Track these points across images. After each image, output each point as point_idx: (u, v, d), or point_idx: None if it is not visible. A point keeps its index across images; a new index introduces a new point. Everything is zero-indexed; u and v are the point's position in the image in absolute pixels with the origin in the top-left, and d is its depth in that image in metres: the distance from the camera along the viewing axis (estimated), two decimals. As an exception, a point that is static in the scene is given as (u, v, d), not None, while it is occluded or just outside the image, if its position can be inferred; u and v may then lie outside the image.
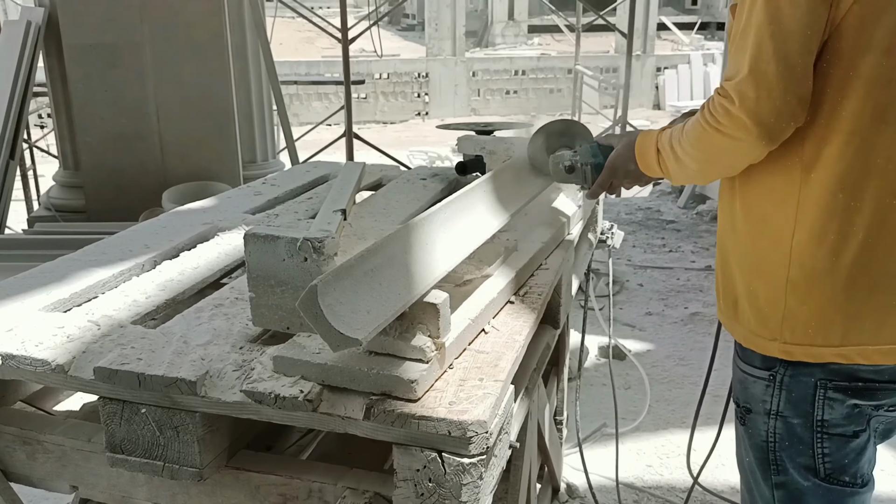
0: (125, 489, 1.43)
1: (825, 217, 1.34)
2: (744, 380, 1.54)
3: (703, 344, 4.21)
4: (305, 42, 18.56)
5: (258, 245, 1.27)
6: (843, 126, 1.30)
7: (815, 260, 1.36)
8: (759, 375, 1.49)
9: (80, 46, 4.30)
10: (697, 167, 1.45)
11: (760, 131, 1.29)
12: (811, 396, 1.43)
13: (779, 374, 1.45)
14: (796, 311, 1.40)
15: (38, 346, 1.34)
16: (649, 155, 1.55)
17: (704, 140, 1.37)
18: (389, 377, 1.16)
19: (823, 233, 1.34)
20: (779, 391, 1.46)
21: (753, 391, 1.51)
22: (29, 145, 6.26)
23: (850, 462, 1.48)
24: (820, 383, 1.42)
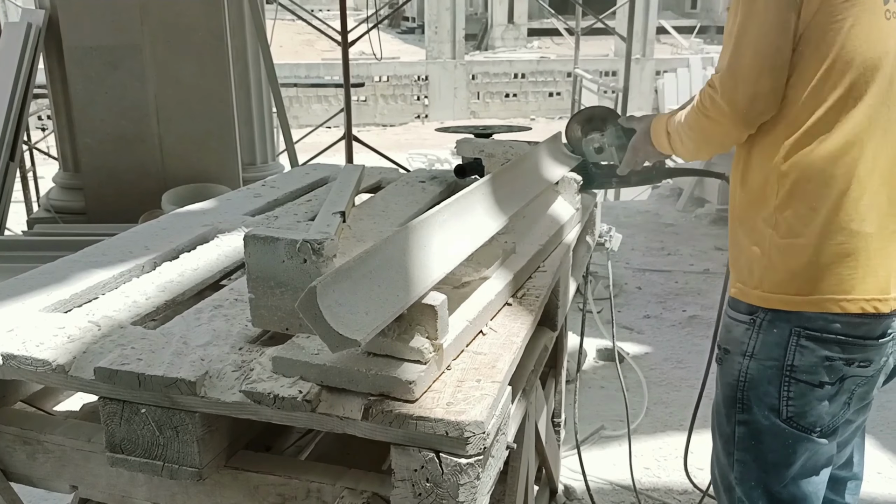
0: (125, 489, 1.44)
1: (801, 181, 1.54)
2: (728, 324, 1.70)
3: (700, 347, 4.21)
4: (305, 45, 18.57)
5: (258, 246, 1.28)
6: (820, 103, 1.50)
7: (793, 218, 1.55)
8: (741, 319, 1.65)
9: (81, 48, 4.31)
10: (695, 146, 1.72)
11: (737, 116, 1.54)
12: (785, 342, 1.58)
13: (759, 318, 1.61)
14: (776, 264, 1.58)
15: (39, 346, 1.34)
16: (662, 137, 1.83)
17: (696, 124, 1.65)
18: (388, 378, 1.17)
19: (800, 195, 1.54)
20: (756, 334, 1.62)
21: (735, 334, 1.66)
22: (29, 147, 6.27)
23: (812, 409, 1.60)
24: (794, 330, 1.57)
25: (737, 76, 1.51)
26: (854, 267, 1.54)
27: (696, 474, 2.23)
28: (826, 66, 1.50)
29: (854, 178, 1.52)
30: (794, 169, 1.55)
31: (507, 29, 21.46)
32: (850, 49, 1.49)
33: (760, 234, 1.61)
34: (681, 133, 1.73)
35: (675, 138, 1.77)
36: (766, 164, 1.59)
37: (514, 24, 21.60)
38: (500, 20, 21.40)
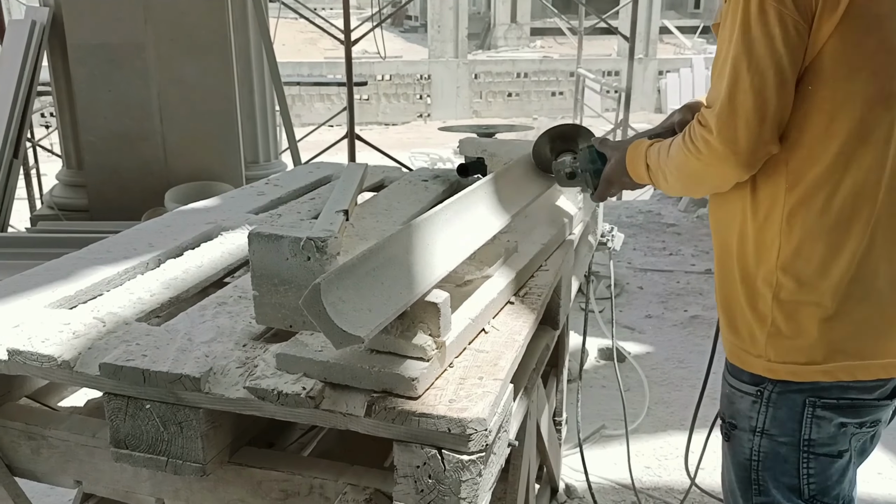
0: (128, 484, 1.45)
1: (809, 237, 1.36)
2: (731, 394, 1.52)
3: (702, 347, 4.22)
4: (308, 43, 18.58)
5: (262, 244, 1.29)
6: (827, 147, 1.32)
7: (799, 278, 1.37)
8: (746, 391, 1.48)
9: (84, 46, 4.32)
10: (684, 186, 1.52)
11: (738, 160, 1.33)
12: (799, 415, 1.42)
13: (766, 390, 1.44)
14: (782, 328, 1.40)
15: (45, 342, 1.35)
16: (640, 169, 1.60)
17: (686, 165, 1.42)
18: (391, 375, 1.17)
19: (808, 252, 1.36)
20: (765, 408, 1.45)
21: (740, 407, 1.50)
22: (32, 144, 6.28)
23: (834, 483, 1.47)
24: (809, 401, 1.41)
25: (737, 116, 1.30)
26: (873, 328, 1.38)
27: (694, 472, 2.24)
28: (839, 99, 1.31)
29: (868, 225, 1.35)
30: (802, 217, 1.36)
31: (509, 28, 21.46)
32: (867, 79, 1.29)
33: (761, 294, 1.42)
34: (665, 170, 1.51)
35: (658, 174, 1.54)
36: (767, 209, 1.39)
37: (516, 24, 21.60)
38: (503, 19, 21.41)
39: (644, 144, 1.59)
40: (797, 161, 1.35)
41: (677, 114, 1.76)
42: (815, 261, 1.36)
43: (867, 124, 1.31)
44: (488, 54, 20.22)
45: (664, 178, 1.52)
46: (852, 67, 1.29)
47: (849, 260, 1.35)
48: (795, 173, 1.35)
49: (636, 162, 1.60)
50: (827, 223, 1.35)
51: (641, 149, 1.59)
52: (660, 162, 1.52)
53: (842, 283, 1.36)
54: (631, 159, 1.62)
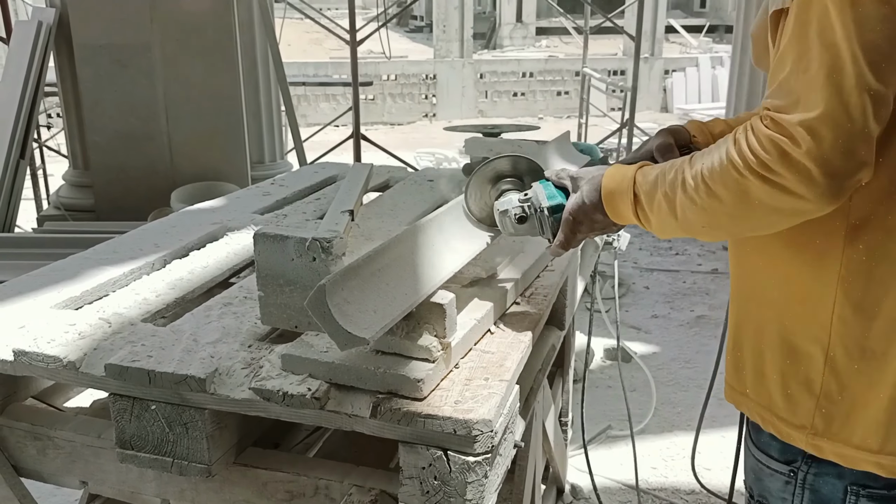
0: (134, 485, 1.45)
1: (875, 290, 1.08)
2: (758, 470, 1.29)
3: (708, 347, 4.21)
4: (314, 43, 18.60)
5: (268, 245, 1.29)
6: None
7: (861, 342, 1.11)
8: (777, 469, 1.25)
9: (91, 46, 4.33)
10: (709, 222, 1.10)
11: (830, 184, 0.97)
12: (840, 501, 1.19)
13: (801, 471, 1.21)
14: (835, 399, 1.14)
15: (50, 342, 1.35)
16: (623, 203, 1.21)
17: (735, 189, 1.03)
18: (396, 376, 1.17)
19: (873, 309, 1.09)
20: (801, 491, 1.22)
21: (769, 485, 1.27)
22: (39, 144, 6.29)
23: None
24: (851, 489, 1.18)
25: (839, 124, 0.95)
26: None
27: (703, 474, 2.23)
28: None
29: None
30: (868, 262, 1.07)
31: (515, 28, 21.44)
32: None
33: (809, 356, 1.15)
34: (677, 200, 1.10)
35: (657, 206, 1.15)
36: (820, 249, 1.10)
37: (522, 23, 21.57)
38: (509, 19, 21.39)
39: (628, 169, 1.21)
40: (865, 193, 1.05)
41: (654, 139, 1.44)
42: (882, 320, 1.09)
43: None
44: (494, 54, 20.21)
45: (670, 210, 1.12)
46: None
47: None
48: (860, 208, 1.07)
49: (616, 192, 1.21)
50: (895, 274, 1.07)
51: (626, 175, 1.20)
52: (668, 188, 1.12)
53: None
54: (609, 189, 1.22)
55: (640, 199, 1.18)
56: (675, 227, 1.15)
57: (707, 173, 1.06)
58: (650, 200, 1.16)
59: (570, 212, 1.30)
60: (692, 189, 1.08)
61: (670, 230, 1.17)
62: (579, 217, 1.29)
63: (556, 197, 1.34)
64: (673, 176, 1.12)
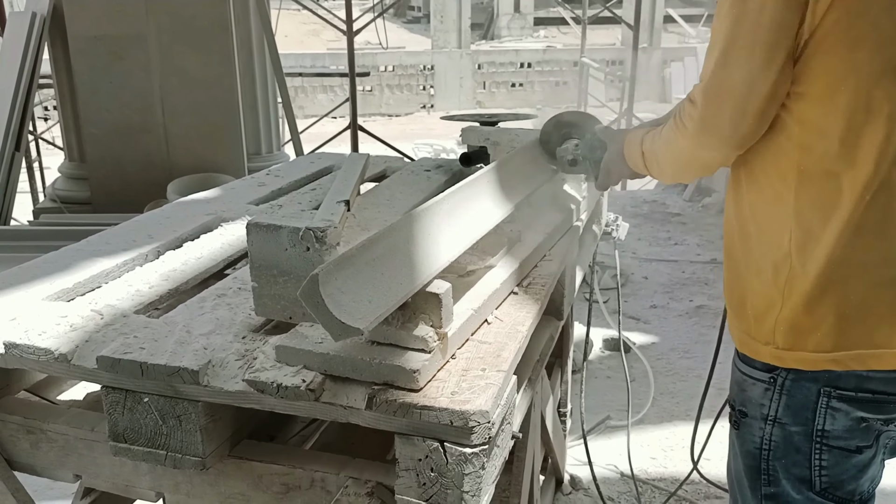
0: (128, 478, 1.44)
1: (819, 217, 1.28)
2: (742, 381, 1.46)
3: (707, 337, 4.20)
4: (311, 34, 18.54)
5: (260, 235, 1.27)
6: (834, 122, 1.24)
7: (809, 263, 1.29)
8: (758, 378, 1.41)
9: (86, 38, 4.31)
10: (674, 170, 1.49)
11: (722, 137, 1.29)
12: (813, 404, 1.35)
13: (780, 377, 1.37)
14: (789, 315, 1.33)
15: (42, 335, 1.34)
16: (637, 157, 1.57)
17: (674, 144, 1.40)
18: (392, 367, 1.16)
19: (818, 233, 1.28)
20: (779, 395, 1.38)
21: (751, 394, 1.43)
22: (34, 137, 6.28)
23: (850, 478, 1.39)
24: (824, 391, 1.33)
25: (723, 91, 1.26)
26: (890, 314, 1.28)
27: (701, 464, 2.22)
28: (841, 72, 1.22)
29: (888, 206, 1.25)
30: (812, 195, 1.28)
31: (513, 18, 21.37)
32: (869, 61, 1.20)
33: (771, 278, 1.35)
34: (657, 154, 1.48)
35: (651, 160, 1.52)
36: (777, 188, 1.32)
37: (520, 14, 21.50)
38: (507, 9, 21.32)
39: (641, 132, 1.56)
40: (805, 137, 1.27)
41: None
42: (826, 243, 1.27)
43: (875, 98, 1.21)
44: (492, 44, 20.15)
45: (657, 164, 1.50)
46: (855, 37, 1.20)
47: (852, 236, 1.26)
48: (804, 150, 1.27)
49: (633, 150, 1.58)
50: (838, 202, 1.26)
51: (638, 136, 1.56)
52: (653, 146, 1.49)
53: (852, 265, 1.27)
54: (629, 147, 1.60)
55: (646, 156, 1.54)
56: (661, 173, 1.53)
57: (663, 134, 1.44)
58: (650, 155, 1.53)
59: (604, 163, 1.73)
60: (662, 144, 1.46)
61: (662, 175, 1.54)
62: (611, 167, 1.71)
63: (598, 150, 1.76)
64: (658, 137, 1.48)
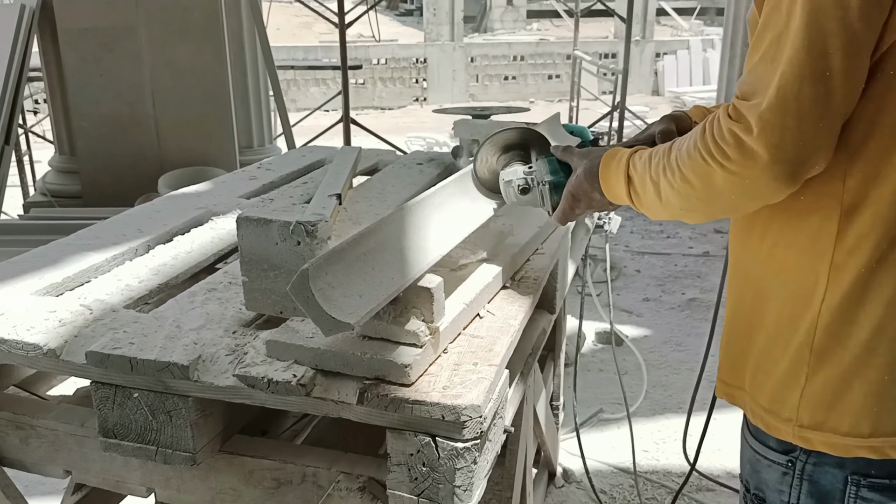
0: (119, 474, 1.43)
1: (866, 278, 1.07)
2: (755, 461, 1.26)
3: (700, 329, 4.21)
4: (303, 27, 18.46)
5: (251, 228, 1.26)
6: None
7: (847, 330, 1.10)
8: (774, 459, 1.22)
9: (75, 30, 4.27)
10: (685, 206, 1.15)
11: (781, 170, 1.01)
12: (840, 493, 1.16)
13: (800, 460, 1.18)
14: (819, 390, 1.14)
15: (30, 330, 1.33)
16: (617, 184, 1.25)
17: (702, 175, 1.08)
18: (383, 361, 1.15)
19: (861, 298, 1.08)
20: (799, 482, 1.19)
21: (767, 477, 1.24)
22: (24, 130, 6.23)
23: None
24: (852, 479, 1.15)
25: (789, 111, 0.98)
26: None
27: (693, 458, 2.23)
28: None
29: None
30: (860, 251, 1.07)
31: (506, 11, 21.32)
32: None
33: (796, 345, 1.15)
34: (662, 182, 1.15)
35: (646, 187, 1.19)
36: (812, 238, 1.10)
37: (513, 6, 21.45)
38: (500, 2, 21.26)
39: (624, 151, 1.25)
40: (858, 177, 1.05)
41: (657, 124, 1.47)
42: (871, 310, 1.08)
43: None
44: (484, 37, 20.10)
45: (656, 193, 1.17)
46: None
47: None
48: (855, 193, 1.06)
49: (612, 173, 1.26)
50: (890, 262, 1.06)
51: (621, 156, 1.25)
52: (653, 171, 1.16)
53: None
54: (606, 169, 1.27)
55: (633, 181, 1.22)
56: (661, 210, 1.19)
57: (680, 159, 1.10)
58: (641, 183, 1.20)
59: (570, 189, 1.36)
60: (670, 173, 1.13)
61: (657, 212, 1.21)
62: (578, 194, 1.35)
63: (558, 172, 1.41)
64: (657, 160, 1.16)
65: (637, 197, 1.22)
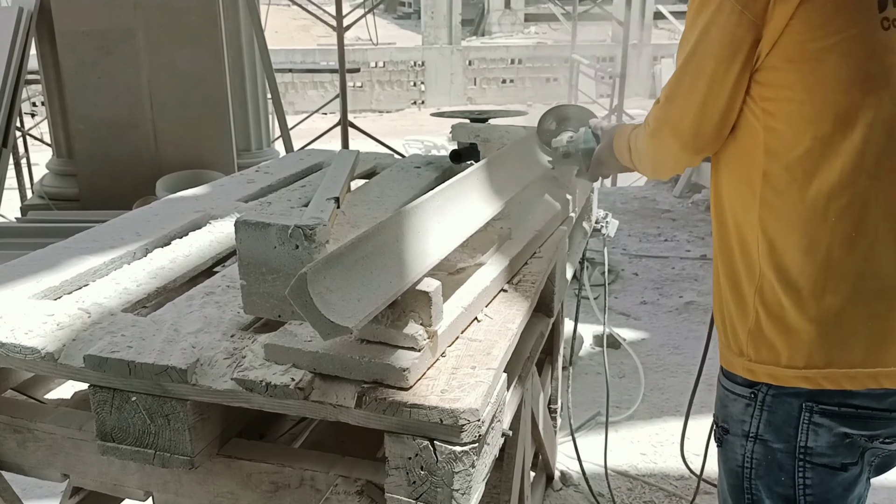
0: (117, 477, 1.43)
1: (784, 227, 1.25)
2: (724, 397, 1.42)
3: (697, 333, 4.21)
4: (301, 30, 18.47)
5: (249, 232, 1.26)
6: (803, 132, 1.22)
7: (779, 272, 1.26)
8: (739, 393, 1.37)
9: (73, 33, 4.28)
10: (651, 167, 1.53)
11: (683, 142, 1.33)
12: (795, 420, 1.30)
13: (761, 392, 1.33)
14: (763, 326, 1.30)
15: (28, 333, 1.33)
16: (624, 152, 1.61)
17: (643, 143, 1.46)
18: (381, 365, 1.15)
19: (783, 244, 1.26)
20: (759, 411, 1.33)
21: (732, 410, 1.39)
22: (22, 133, 6.23)
23: (836, 497, 1.34)
24: (805, 406, 1.28)
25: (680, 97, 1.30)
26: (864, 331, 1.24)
27: (692, 460, 2.22)
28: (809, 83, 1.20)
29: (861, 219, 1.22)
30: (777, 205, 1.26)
31: (503, 14, 21.35)
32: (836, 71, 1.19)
33: (744, 288, 1.33)
34: (639, 151, 1.52)
35: (636, 155, 1.55)
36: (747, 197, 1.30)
37: (510, 10, 21.49)
38: (497, 5, 21.29)
39: (630, 127, 1.60)
40: (774, 146, 1.24)
41: None
42: (793, 254, 1.24)
43: (843, 109, 1.19)
44: (482, 41, 20.12)
45: (639, 159, 1.55)
46: (820, 49, 1.18)
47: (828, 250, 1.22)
48: (772, 159, 1.25)
49: (621, 144, 1.62)
50: (802, 213, 1.23)
51: (627, 130, 1.60)
52: (636, 142, 1.53)
53: (822, 279, 1.23)
54: (618, 141, 1.65)
55: (632, 149, 1.57)
56: (643, 169, 1.58)
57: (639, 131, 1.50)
58: (635, 151, 1.56)
59: (595, 155, 1.78)
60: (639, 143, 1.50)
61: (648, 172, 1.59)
62: (601, 159, 1.76)
63: (591, 142, 1.82)
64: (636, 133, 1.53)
65: (635, 161, 1.58)
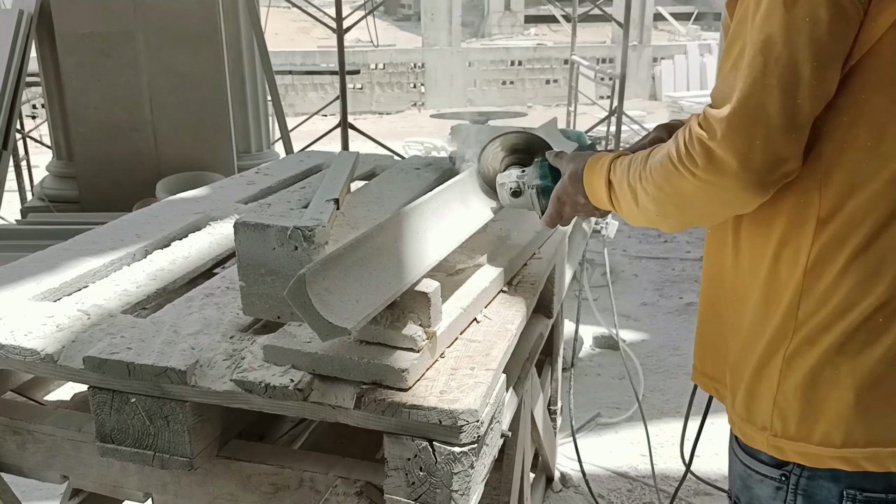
0: (116, 479, 1.43)
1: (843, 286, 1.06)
2: (746, 477, 1.22)
3: (697, 334, 4.21)
4: (301, 32, 18.48)
5: (248, 234, 1.26)
6: (876, 171, 1.02)
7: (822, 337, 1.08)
8: (766, 474, 1.18)
9: (73, 35, 4.27)
10: (660, 212, 1.15)
11: (750, 178, 1.01)
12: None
13: (794, 474, 1.14)
14: (790, 398, 1.12)
15: (28, 335, 1.33)
16: (599, 189, 1.26)
17: (674, 183, 1.08)
18: (380, 366, 1.15)
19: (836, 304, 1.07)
20: (794, 497, 1.15)
21: (759, 493, 1.20)
22: (22, 135, 6.23)
23: None
24: (847, 494, 1.11)
25: (757, 120, 0.98)
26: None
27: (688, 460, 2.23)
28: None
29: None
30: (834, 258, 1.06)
31: (503, 16, 21.35)
32: None
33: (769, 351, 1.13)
34: (638, 188, 1.15)
35: (624, 192, 1.20)
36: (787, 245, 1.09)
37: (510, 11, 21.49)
38: (497, 7, 21.30)
39: (607, 156, 1.26)
40: (834, 187, 1.04)
41: (651, 134, 1.45)
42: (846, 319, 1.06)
43: None
44: (482, 42, 20.12)
45: (633, 199, 1.18)
46: None
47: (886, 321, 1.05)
48: (831, 202, 1.05)
49: (595, 178, 1.26)
50: (864, 269, 1.05)
51: (603, 161, 1.25)
52: (631, 177, 1.17)
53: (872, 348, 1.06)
54: (589, 174, 1.28)
55: (613, 186, 1.23)
56: (638, 215, 1.20)
57: (655, 166, 1.11)
58: (620, 188, 1.21)
59: (556, 192, 1.39)
60: (646, 180, 1.13)
61: (635, 217, 1.22)
62: (563, 198, 1.37)
63: (547, 177, 1.44)
64: (636, 166, 1.17)
65: (617, 202, 1.24)
